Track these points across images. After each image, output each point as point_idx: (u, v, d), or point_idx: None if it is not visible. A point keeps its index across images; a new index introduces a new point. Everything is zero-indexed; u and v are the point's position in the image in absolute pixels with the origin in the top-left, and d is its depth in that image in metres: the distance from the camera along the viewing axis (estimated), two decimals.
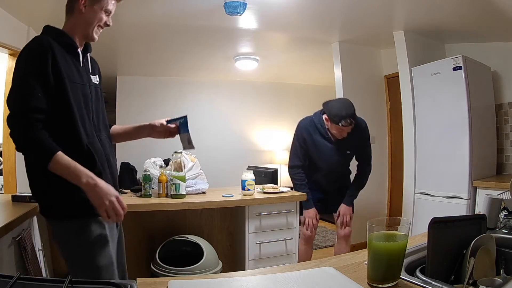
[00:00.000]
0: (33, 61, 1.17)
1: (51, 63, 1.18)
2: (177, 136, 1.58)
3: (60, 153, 1.14)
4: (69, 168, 1.15)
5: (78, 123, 1.23)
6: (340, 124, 2.31)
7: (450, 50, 3.67)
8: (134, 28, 3.36)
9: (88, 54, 1.40)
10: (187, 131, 1.57)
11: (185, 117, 1.58)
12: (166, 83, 5.48)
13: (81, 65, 1.32)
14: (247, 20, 3.20)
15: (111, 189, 1.19)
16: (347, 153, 2.53)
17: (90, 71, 1.38)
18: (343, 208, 2.56)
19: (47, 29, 1.30)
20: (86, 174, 1.16)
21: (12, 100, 1.16)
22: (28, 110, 1.12)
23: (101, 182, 1.17)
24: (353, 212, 2.61)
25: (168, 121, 1.58)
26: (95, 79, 1.40)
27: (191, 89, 5.61)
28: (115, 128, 1.56)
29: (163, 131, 1.57)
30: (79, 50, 1.31)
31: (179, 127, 1.58)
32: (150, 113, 5.32)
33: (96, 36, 1.35)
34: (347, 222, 2.55)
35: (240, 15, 2.74)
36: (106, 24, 1.36)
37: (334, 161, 2.52)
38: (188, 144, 1.58)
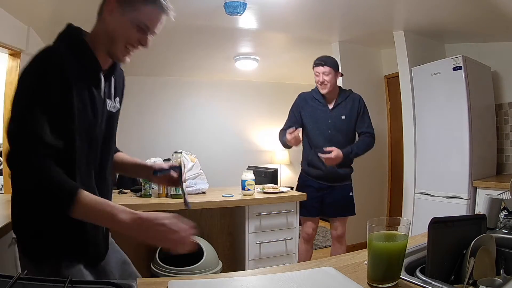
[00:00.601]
0: (40, 85, 0.88)
1: (60, 91, 0.89)
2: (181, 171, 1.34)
3: (82, 191, 0.88)
4: (101, 205, 0.89)
5: (76, 170, 0.96)
6: (314, 66, 2.51)
7: (450, 50, 3.66)
8: None
9: (112, 77, 1.08)
10: (181, 181, 1.32)
11: (180, 167, 1.34)
12: (166, 83, 5.48)
13: (101, 91, 1.02)
14: (247, 20, 3.20)
15: (158, 216, 0.90)
16: (342, 118, 2.54)
17: (113, 93, 1.09)
18: (335, 150, 2.41)
19: (66, 34, 0.98)
20: (123, 209, 0.89)
21: (14, 134, 0.88)
22: (38, 146, 0.86)
23: (143, 214, 0.90)
24: (341, 164, 2.47)
25: (155, 172, 1.30)
26: (112, 104, 1.09)
27: (191, 89, 5.61)
28: (116, 156, 1.25)
29: (164, 179, 1.33)
30: (101, 74, 1.00)
31: (179, 177, 1.33)
32: (150, 113, 5.33)
33: (124, 58, 1.02)
34: (330, 160, 2.42)
35: (240, 15, 2.74)
36: (141, 44, 1.02)
37: (330, 126, 2.53)
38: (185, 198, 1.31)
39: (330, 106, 2.58)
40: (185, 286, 0.85)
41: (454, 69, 2.94)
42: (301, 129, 2.63)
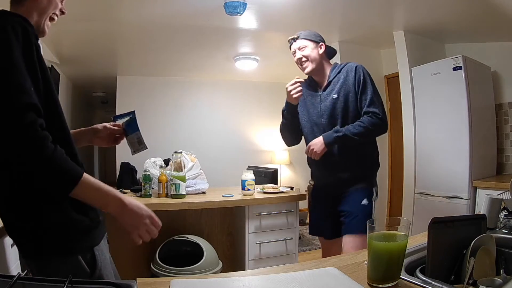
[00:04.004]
0: (20, 45, 0.86)
1: (36, 56, 0.89)
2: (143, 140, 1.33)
3: (85, 174, 0.90)
4: (99, 190, 0.92)
5: (67, 128, 0.98)
6: (289, 46, 2.03)
7: (450, 50, 3.67)
8: (134, 28, 3.36)
9: None
10: (137, 129, 1.33)
11: (133, 113, 1.34)
12: (166, 83, 5.48)
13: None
14: (247, 20, 3.20)
15: (141, 207, 0.99)
16: (334, 97, 1.91)
17: None
18: (318, 139, 1.90)
19: (13, 14, 0.95)
20: (114, 195, 0.95)
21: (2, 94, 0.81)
22: (28, 109, 0.81)
23: (128, 201, 0.96)
24: (324, 150, 1.88)
25: (114, 118, 1.35)
26: None
27: (191, 89, 5.61)
28: None
29: (106, 136, 1.32)
30: (40, 42, 0.99)
31: (125, 128, 1.33)
32: (150, 113, 5.33)
33: (47, 30, 1.05)
34: (312, 153, 1.90)
35: (240, 15, 2.74)
36: (62, 12, 1.08)
37: (323, 111, 1.95)
38: (139, 145, 1.33)
39: (322, 88, 2.00)
40: (188, 285, 0.85)
41: (454, 69, 2.94)
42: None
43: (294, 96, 1.93)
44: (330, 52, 2.06)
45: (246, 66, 4.65)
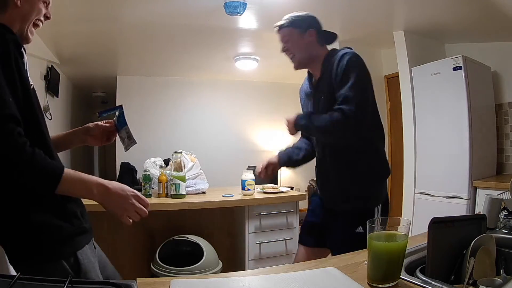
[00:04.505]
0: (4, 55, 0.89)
1: (15, 64, 0.91)
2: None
3: (66, 169, 0.93)
4: (81, 181, 0.95)
5: (47, 138, 1.00)
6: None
7: (450, 50, 3.67)
8: (134, 28, 3.36)
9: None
10: (125, 123, 1.32)
11: (120, 107, 1.33)
12: (166, 83, 5.48)
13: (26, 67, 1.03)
14: (247, 20, 3.20)
15: (125, 189, 1.03)
16: (321, 98, 1.59)
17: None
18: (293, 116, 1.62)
19: None
20: (94, 181, 0.97)
21: None
22: (6, 121, 0.85)
23: (111, 185, 1.00)
24: (294, 128, 1.61)
25: (100, 113, 1.35)
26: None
27: (191, 89, 5.61)
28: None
29: (99, 135, 1.32)
30: (23, 49, 1.00)
31: (116, 125, 1.32)
32: (150, 113, 5.34)
33: (31, 36, 1.07)
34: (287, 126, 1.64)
35: (240, 15, 2.74)
36: (46, 17, 1.09)
37: (315, 111, 1.65)
38: (128, 140, 1.33)
39: (314, 83, 1.69)
40: (188, 285, 0.85)
41: (454, 69, 2.94)
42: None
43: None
44: (327, 38, 1.70)
45: (246, 66, 4.65)
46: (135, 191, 1.05)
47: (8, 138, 0.85)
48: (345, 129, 1.45)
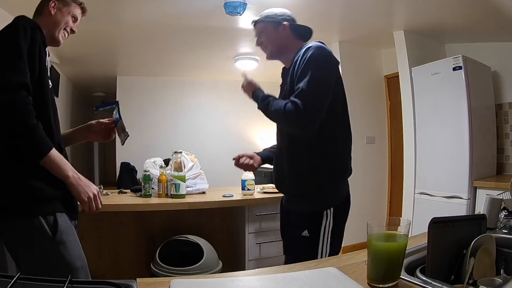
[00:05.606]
0: (26, 41, 1.11)
1: (38, 52, 1.13)
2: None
3: (54, 148, 1.12)
4: (61, 162, 1.13)
5: (52, 122, 1.19)
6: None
7: (450, 50, 3.67)
8: (134, 28, 3.36)
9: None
10: (120, 118, 1.44)
11: (117, 103, 1.46)
12: (166, 83, 5.48)
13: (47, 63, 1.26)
14: (247, 20, 3.20)
15: (91, 184, 1.22)
16: (285, 88, 1.64)
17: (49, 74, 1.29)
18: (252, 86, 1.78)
19: (28, 18, 1.21)
20: (71, 167, 1.17)
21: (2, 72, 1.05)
22: (22, 88, 1.05)
23: (83, 177, 1.20)
24: (252, 94, 1.73)
25: (97, 107, 1.51)
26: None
27: (191, 89, 5.61)
28: None
29: (100, 131, 1.51)
30: (47, 49, 1.25)
31: (114, 120, 1.44)
32: (150, 113, 5.34)
33: (61, 40, 1.32)
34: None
35: (240, 15, 2.74)
36: (72, 30, 1.35)
37: None
38: (123, 134, 1.44)
39: (283, 74, 1.74)
40: (188, 285, 0.85)
41: (454, 69, 2.94)
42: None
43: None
44: (302, 33, 1.66)
45: (246, 66, 4.64)
46: (97, 189, 1.25)
47: (19, 103, 1.03)
48: (294, 122, 1.40)
